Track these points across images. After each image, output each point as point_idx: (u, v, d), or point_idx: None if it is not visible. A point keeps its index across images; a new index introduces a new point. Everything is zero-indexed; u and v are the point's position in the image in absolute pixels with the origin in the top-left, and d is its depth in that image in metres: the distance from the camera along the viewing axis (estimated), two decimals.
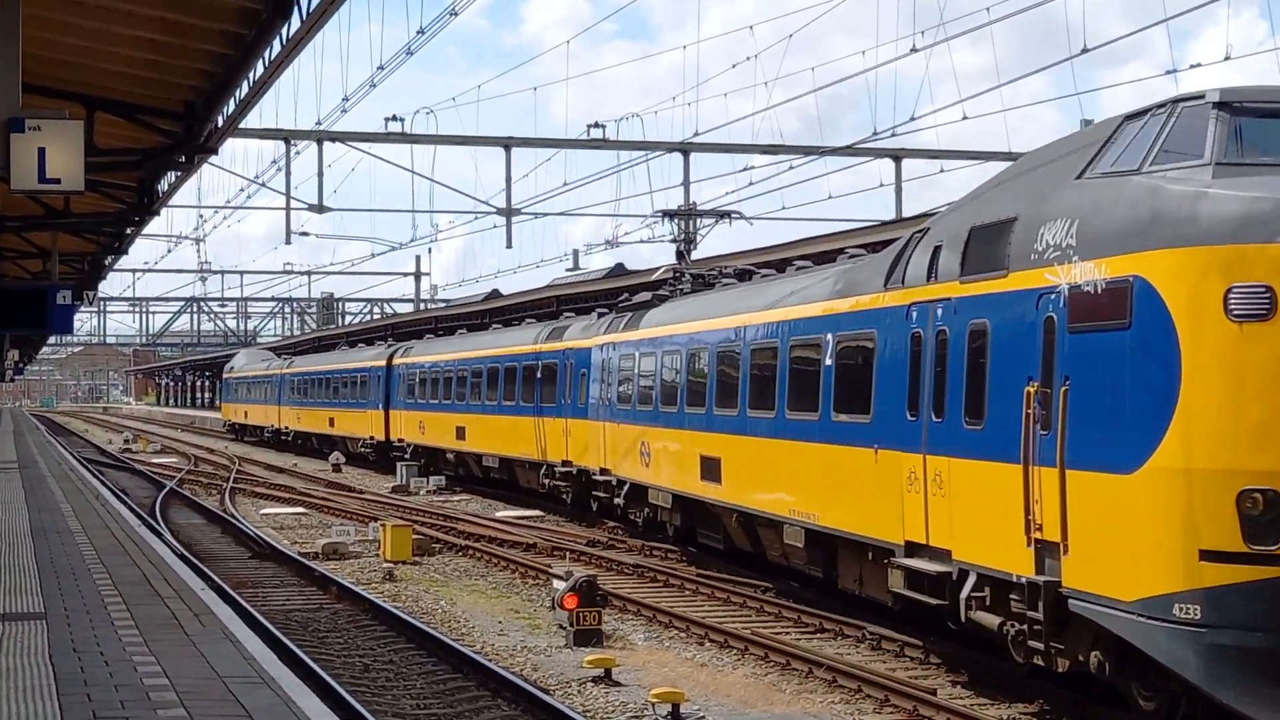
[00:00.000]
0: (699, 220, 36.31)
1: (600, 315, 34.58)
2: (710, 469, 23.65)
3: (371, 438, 56.27)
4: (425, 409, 49.35)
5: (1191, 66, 48.07)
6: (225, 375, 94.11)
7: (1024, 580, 13.98)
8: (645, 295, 32.68)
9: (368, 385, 56.98)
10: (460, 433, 44.95)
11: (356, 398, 58.77)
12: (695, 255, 43.36)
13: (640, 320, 29.32)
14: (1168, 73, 31.47)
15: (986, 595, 14.89)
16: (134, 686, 11.29)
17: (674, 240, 43.10)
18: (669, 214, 34.94)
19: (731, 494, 22.83)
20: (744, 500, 22.32)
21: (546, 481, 36.55)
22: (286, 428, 73.38)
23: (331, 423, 63.55)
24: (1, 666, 12.08)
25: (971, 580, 15.12)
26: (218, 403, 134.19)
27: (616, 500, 30.06)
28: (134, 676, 11.70)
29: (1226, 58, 28.23)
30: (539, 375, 37.96)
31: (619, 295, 44.50)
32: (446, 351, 48.59)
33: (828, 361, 19.34)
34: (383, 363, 55.54)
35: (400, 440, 52.73)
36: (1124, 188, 13.27)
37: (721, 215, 34.91)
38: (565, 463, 35.21)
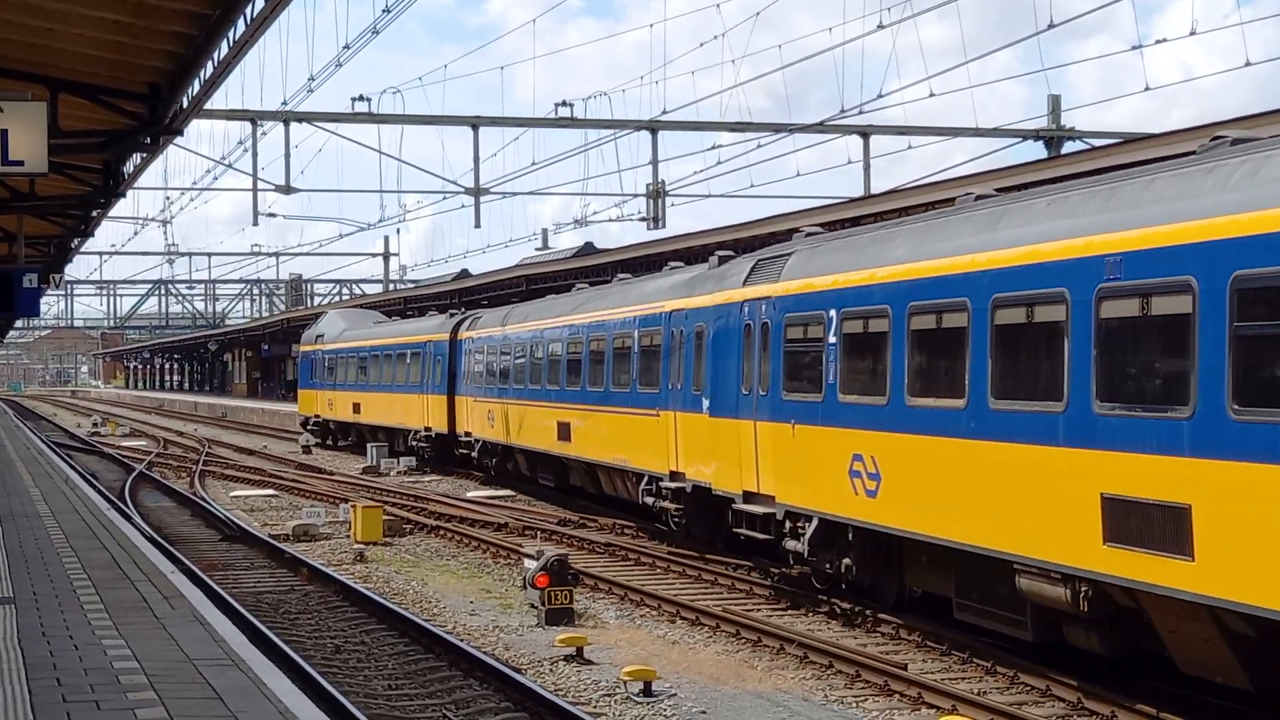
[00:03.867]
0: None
1: None
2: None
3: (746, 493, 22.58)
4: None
5: (1158, 41, 48.17)
6: (308, 348, 62.03)
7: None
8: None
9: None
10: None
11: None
12: (664, 234, 43.42)
13: None
14: (1134, 48, 31.61)
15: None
16: (104, 670, 11.25)
17: (643, 218, 43.15)
18: None
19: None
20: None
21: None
22: (474, 436, 41.01)
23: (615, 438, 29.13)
24: None
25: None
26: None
27: None
28: (104, 660, 11.66)
29: (1192, 32, 28.32)
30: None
31: (590, 274, 44.54)
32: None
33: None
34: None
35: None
36: None
37: None
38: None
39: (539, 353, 34.51)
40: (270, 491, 39.24)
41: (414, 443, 46.94)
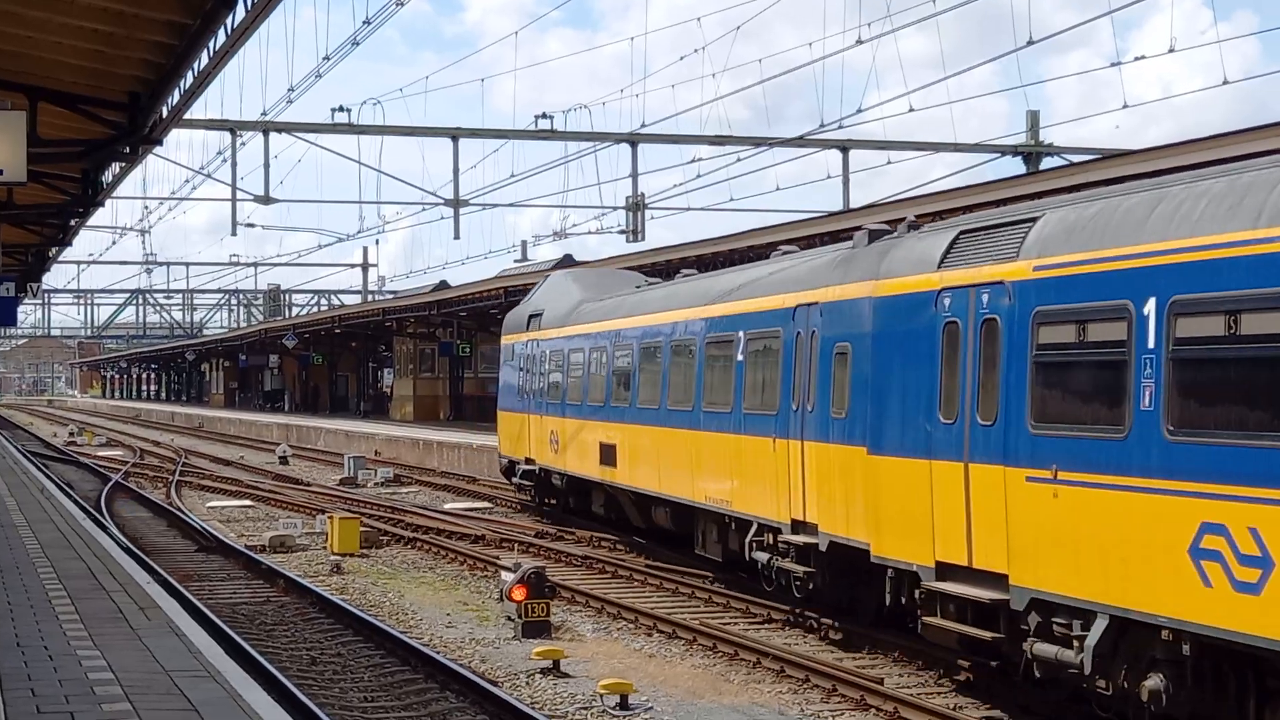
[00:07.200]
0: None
1: None
2: None
3: None
4: None
5: (1136, 58, 48.35)
6: (514, 339, 35.11)
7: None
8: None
9: None
10: None
11: None
12: (643, 246, 43.48)
13: None
14: (1113, 64, 31.76)
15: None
16: (79, 681, 11.22)
17: (622, 231, 43.23)
18: None
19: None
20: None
21: None
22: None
23: None
24: None
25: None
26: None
27: None
28: (79, 671, 11.63)
29: (1170, 49, 28.47)
30: None
31: None
32: None
33: None
34: None
35: None
36: None
37: None
38: None
39: None
40: (247, 502, 39.13)
41: (758, 553, 19.99)
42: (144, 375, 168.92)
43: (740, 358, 21.10)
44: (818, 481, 18.13)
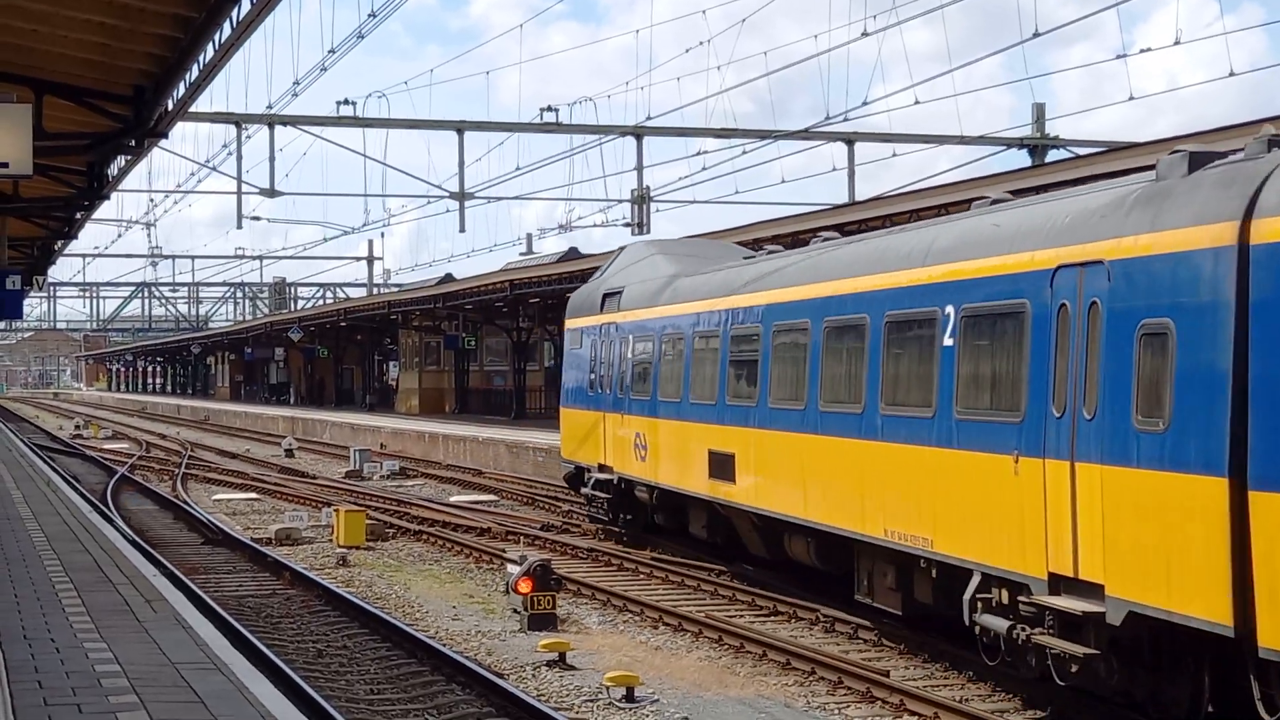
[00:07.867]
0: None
1: None
2: None
3: None
4: None
5: (1142, 50, 48.26)
6: (583, 323, 29.28)
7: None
8: None
9: None
10: None
11: None
12: (646, 238, 43.46)
13: None
14: (1118, 56, 31.74)
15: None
16: (85, 673, 11.23)
17: (628, 224, 43.20)
18: None
19: None
20: None
21: None
22: None
23: None
24: None
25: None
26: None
27: None
28: (85, 663, 11.64)
29: (1176, 41, 28.44)
30: None
31: (578, 279, 44.57)
32: None
33: None
34: None
35: None
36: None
37: None
38: None
39: None
40: (252, 495, 39.14)
41: (987, 617, 14.41)
42: (149, 368, 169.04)
43: (948, 341, 15.33)
44: (1106, 523, 12.45)
